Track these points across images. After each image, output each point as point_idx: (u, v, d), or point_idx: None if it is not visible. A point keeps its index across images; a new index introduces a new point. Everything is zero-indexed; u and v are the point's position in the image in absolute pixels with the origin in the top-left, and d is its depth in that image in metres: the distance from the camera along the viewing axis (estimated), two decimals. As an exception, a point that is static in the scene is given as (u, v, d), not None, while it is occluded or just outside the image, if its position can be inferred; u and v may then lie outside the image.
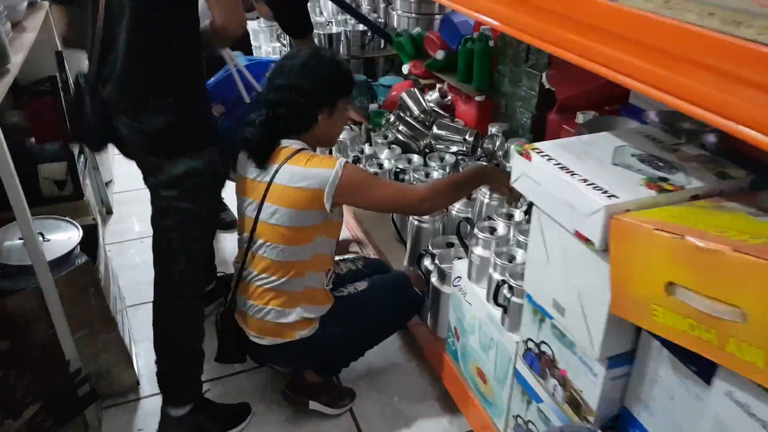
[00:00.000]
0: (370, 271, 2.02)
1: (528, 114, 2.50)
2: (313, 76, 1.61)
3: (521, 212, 1.69)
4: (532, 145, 1.19)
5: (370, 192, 1.61)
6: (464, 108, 2.85)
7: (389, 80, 3.26)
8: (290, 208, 1.58)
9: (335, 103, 1.67)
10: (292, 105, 1.61)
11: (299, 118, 1.64)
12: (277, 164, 1.60)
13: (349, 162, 1.59)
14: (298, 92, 1.61)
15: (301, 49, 1.68)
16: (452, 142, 2.55)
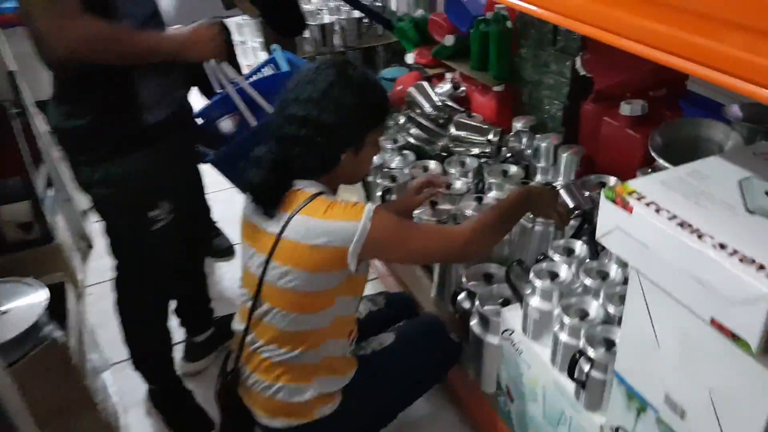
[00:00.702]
0: (395, 311, 1.70)
1: (558, 104, 2.15)
2: (337, 107, 1.26)
3: (583, 244, 1.35)
4: (626, 185, 0.85)
5: (404, 244, 1.28)
6: (481, 100, 2.50)
7: (393, 72, 2.90)
8: (305, 270, 1.25)
9: (364, 138, 1.33)
10: (310, 144, 1.27)
11: (317, 160, 1.31)
12: (288, 213, 1.27)
13: (379, 208, 1.25)
14: (318, 128, 1.26)
15: (321, 65, 1.31)
16: (473, 143, 2.20)
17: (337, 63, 1.33)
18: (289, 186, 1.31)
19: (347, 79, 1.29)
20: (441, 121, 2.45)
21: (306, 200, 1.27)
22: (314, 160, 1.30)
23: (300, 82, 1.29)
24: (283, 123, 1.29)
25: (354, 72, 1.32)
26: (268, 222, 1.30)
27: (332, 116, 1.26)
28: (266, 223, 1.30)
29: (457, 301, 1.61)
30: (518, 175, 2.04)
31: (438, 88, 2.60)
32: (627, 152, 1.84)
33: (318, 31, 3.04)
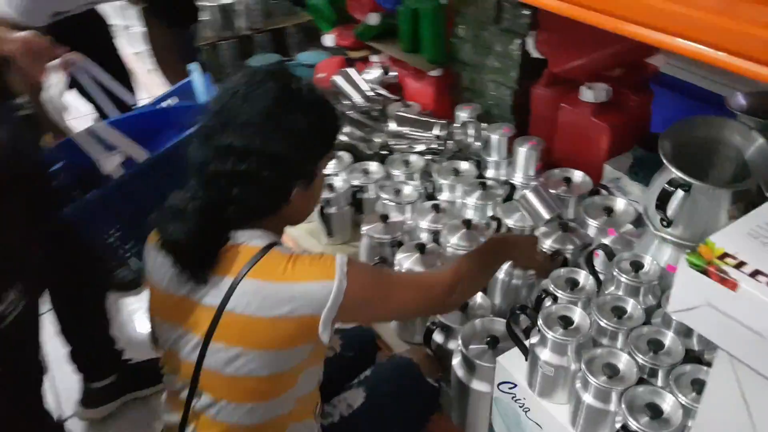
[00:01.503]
0: (354, 353, 1.45)
1: (506, 90, 1.94)
2: (286, 131, 0.98)
3: (588, 275, 1.15)
4: (711, 245, 0.63)
5: (386, 301, 1.04)
6: (416, 86, 2.24)
7: (310, 57, 2.57)
8: (262, 350, 0.97)
9: (317, 166, 1.07)
10: (253, 181, 0.97)
11: (263, 201, 1.01)
12: (231, 277, 0.96)
13: (352, 260, 0.98)
14: (263, 160, 0.97)
15: (254, 78, 1.01)
16: (417, 139, 1.95)
17: (275, 74, 1.03)
18: (225, 240, 1.00)
19: (294, 95, 1.00)
20: (374, 114, 2.18)
21: (254, 257, 0.97)
22: (259, 201, 1.00)
23: (229, 102, 0.98)
24: (210, 157, 0.97)
25: (300, 85, 1.03)
26: (199, 291, 0.99)
27: (281, 144, 0.97)
28: (197, 292, 0.99)
29: (432, 338, 1.37)
30: (471, 173, 1.83)
31: (366, 75, 2.31)
32: (592, 142, 1.67)
33: (218, 12, 2.64)
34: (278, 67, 1.12)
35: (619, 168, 1.58)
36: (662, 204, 1.02)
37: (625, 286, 1.09)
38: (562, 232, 1.47)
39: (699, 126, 1.09)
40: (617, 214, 1.51)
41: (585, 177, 1.63)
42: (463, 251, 1.51)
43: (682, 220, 1.06)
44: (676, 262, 1.12)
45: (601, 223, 1.49)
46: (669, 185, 1.00)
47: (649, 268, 1.09)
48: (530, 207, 1.53)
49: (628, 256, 1.12)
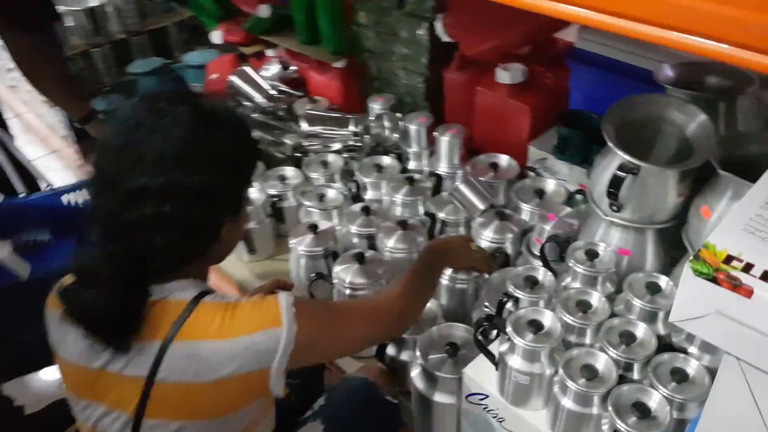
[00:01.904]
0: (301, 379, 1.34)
1: (418, 77, 1.87)
2: (209, 161, 0.85)
3: (546, 271, 1.10)
4: (712, 247, 0.59)
5: (339, 337, 0.94)
6: (320, 80, 2.12)
7: (198, 57, 2.37)
8: (209, 419, 0.84)
9: (245, 191, 0.95)
10: (179, 224, 0.83)
11: (191, 244, 0.87)
12: (158, 341, 0.82)
13: (298, 300, 0.86)
14: (189, 199, 0.82)
15: (158, 104, 0.85)
16: (331, 138, 1.84)
17: (181, 97, 0.88)
18: (146, 296, 0.85)
19: (210, 118, 0.86)
20: (281, 113, 2.04)
21: (182, 315, 0.83)
22: (187, 246, 0.86)
23: (133, 136, 0.83)
24: (121, 204, 0.82)
25: (213, 106, 0.89)
26: (119, 360, 0.83)
27: (206, 175, 0.84)
28: (117, 362, 0.83)
29: (384, 353, 1.29)
30: (394, 168, 1.75)
31: (264, 71, 2.16)
32: (513, 124, 1.64)
33: (85, 16, 2.35)
34: (181, 89, 0.97)
35: (544, 148, 1.56)
36: (614, 191, 1.00)
37: (583, 276, 1.06)
38: (499, 221, 1.43)
39: (639, 105, 1.07)
40: (549, 196, 1.50)
41: (511, 161, 1.60)
42: (402, 254, 1.44)
43: (631, 202, 1.04)
44: (626, 245, 1.11)
45: (534, 206, 1.47)
46: (620, 171, 0.98)
47: (603, 255, 1.07)
48: (464, 199, 1.48)
49: (582, 245, 1.10)
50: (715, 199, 0.94)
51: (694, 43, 0.60)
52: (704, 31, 0.59)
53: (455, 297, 1.35)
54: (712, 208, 0.94)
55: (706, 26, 0.58)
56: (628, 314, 1.00)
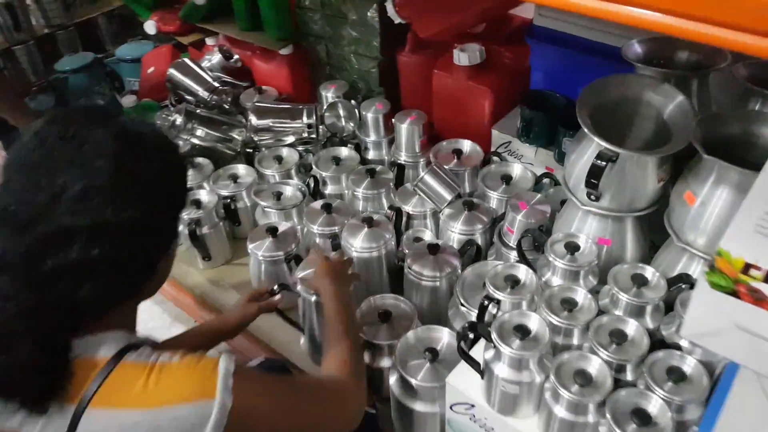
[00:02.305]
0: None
1: (370, 61, 1.77)
2: (140, 191, 0.73)
3: (527, 271, 1.04)
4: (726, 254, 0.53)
5: (283, 420, 0.80)
6: (266, 68, 1.99)
7: (132, 50, 2.19)
8: None
9: (178, 219, 0.83)
10: (112, 269, 0.72)
11: (124, 288, 0.75)
12: (74, 405, 0.70)
13: (240, 368, 0.75)
14: (122, 237, 0.71)
15: (72, 129, 0.72)
16: (284, 131, 1.73)
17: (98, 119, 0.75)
18: (67, 353, 0.72)
19: (136, 145, 0.75)
20: (227, 107, 1.91)
21: (99, 375, 0.71)
22: (119, 289, 0.74)
23: (45, 167, 0.70)
24: (37, 250, 0.69)
25: (138, 127, 0.77)
26: (33, 423, 0.71)
27: (139, 208, 0.72)
28: (31, 425, 0.71)
29: (359, 362, 1.21)
30: (353, 159, 1.66)
31: (205, 62, 2.02)
32: (474, 108, 1.57)
33: (4, 12, 2.13)
34: (97, 108, 0.83)
35: (508, 131, 1.49)
36: (594, 180, 0.94)
37: (564, 271, 1.00)
38: (467, 211, 1.36)
39: (613, 87, 1.00)
40: (516, 181, 1.44)
41: (475, 146, 1.53)
42: (369, 254, 1.36)
43: (610, 190, 0.98)
44: (605, 234, 1.06)
45: (502, 193, 1.41)
46: (599, 160, 0.91)
47: (584, 248, 1.02)
48: (429, 190, 1.40)
49: (561, 238, 1.04)
50: (698, 185, 0.89)
51: (658, 20, 0.56)
52: (667, 6, 0.55)
53: (428, 296, 1.28)
54: (696, 194, 0.89)
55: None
56: (614, 309, 0.95)
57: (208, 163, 1.73)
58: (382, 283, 1.39)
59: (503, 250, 1.28)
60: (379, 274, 1.38)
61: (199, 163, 1.73)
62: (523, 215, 1.23)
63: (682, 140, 0.89)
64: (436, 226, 1.47)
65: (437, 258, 1.28)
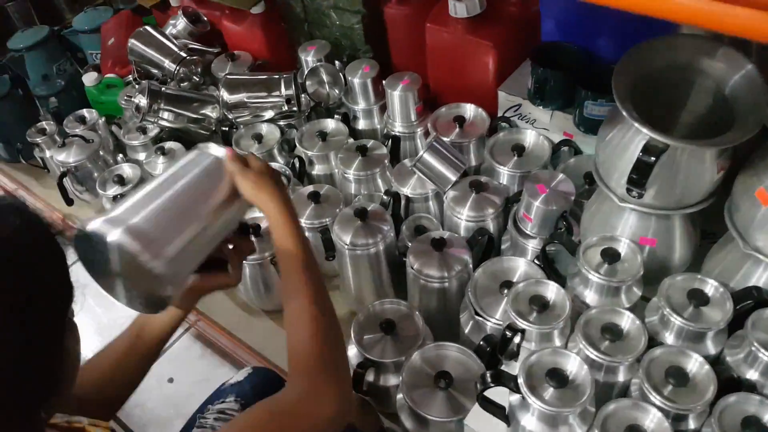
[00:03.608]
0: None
1: (354, 16, 1.50)
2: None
3: (556, 288, 0.83)
4: None
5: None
6: (237, 31, 1.72)
7: (91, 18, 1.92)
8: None
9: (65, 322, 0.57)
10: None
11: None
12: None
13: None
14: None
15: None
16: (261, 106, 1.49)
17: None
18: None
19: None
20: (197, 79, 1.66)
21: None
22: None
23: None
24: None
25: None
26: None
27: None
28: None
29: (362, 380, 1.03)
30: (341, 132, 1.43)
31: (170, 29, 1.75)
32: (475, 66, 1.31)
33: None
34: None
35: (517, 92, 1.25)
36: (640, 178, 0.72)
37: (602, 286, 0.80)
38: (475, 193, 1.15)
39: (659, 52, 0.76)
40: (530, 151, 1.21)
41: (479, 111, 1.30)
42: (365, 251, 1.15)
43: (655, 184, 0.76)
44: (647, 232, 0.84)
45: (513, 168, 1.19)
46: (647, 154, 0.69)
47: (626, 255, 0.81)
48: (431, 171, 1.18)
49: (596, 242, 0.83)
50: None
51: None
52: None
53: (435, 298, 1.09)
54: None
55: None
56: (665, 331, 0.75)
57: (180, 148, 1.51)
58: (383, 283, 1.19)
59: (520, 239, 1.08)
60: (378, 274, 1.18)
61: (170, 149, 1.50)
62: (542, 200, 1.02)
63: (753, 123, 0.67)
64: (440, 210, 1.26)
65: (444, 254, 1.07)
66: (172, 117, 1.50)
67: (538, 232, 1.05)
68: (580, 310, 0.81)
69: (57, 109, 1.73)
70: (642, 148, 0.70)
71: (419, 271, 1.06)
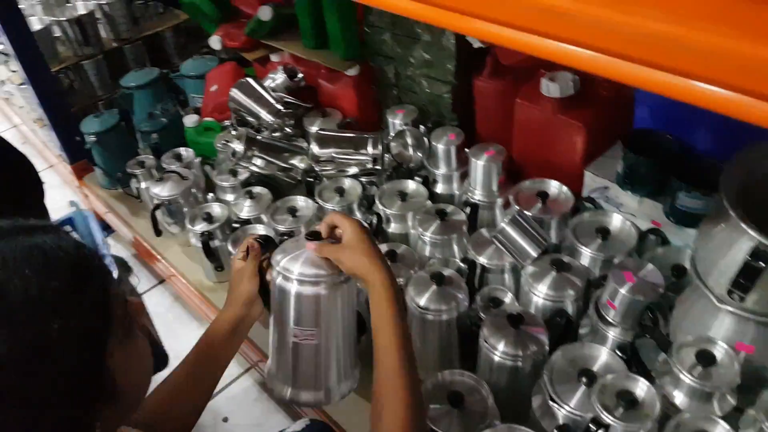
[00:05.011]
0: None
1: (443, 85, 1.53)
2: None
3: (646, 387, 0.78)
4: None
5: None
6: (331, 89, 1.79)
7: (197, 66, 2.04)
8: None
9: (106, 353, 0.55)
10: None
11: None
12: None
13: None
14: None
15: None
16: (347, 162, 1.52)
17: None
18: None
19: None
20: (289, 130, 1.73)
21: None
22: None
23: None
24: None
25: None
26: None
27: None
28: None
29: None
30: (420, 195, 1.44)
31: (269, 81, 1.84)
32: (563, 145, 1.31)
33: (72, 26, 2.03)
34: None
35: (604, 174, 1.23)
36: (746, 282, 0.68)
37: (694, 390, 0.75)
38: (556, 272, 1.12)
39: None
40: (615, 236, 1.17)
41: (563, 189, 1.28)
42: (438, 317, 1.14)
43: (760, 289, 0.72)
44: (744, 338, 0.79)
45: (596, 250, 1.15)
46: (756, 259, 0.66)
47: (722, 360, 0.76)
48: (511, 244, 1.16)
49: (691, 342, 0.78)
50: None
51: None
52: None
53: (506, 376, 1.04)
54: None
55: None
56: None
57: (266, 193, 1.55)
58: (452, 352, 1.16)
59: (600, 326, 1.03)
60: (447, 341, 1.16)
61: (258, 193, 1.55)
62: (628, 289, 0.98)
63: None
64: (514, 283, 1.23)
65: (520, 332, 1.04)
66: (263, 164, 1.56)
67: (620, 321, 1.01)
68: (667, 412, 0.76)
69: (157, 144, 1.83)
70: (751, 252, 0.66)
71: (493, 346, 1.03)
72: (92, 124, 1.90)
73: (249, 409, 1.55)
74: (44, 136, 2.29)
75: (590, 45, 0.45)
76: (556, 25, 0.46)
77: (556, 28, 0.46)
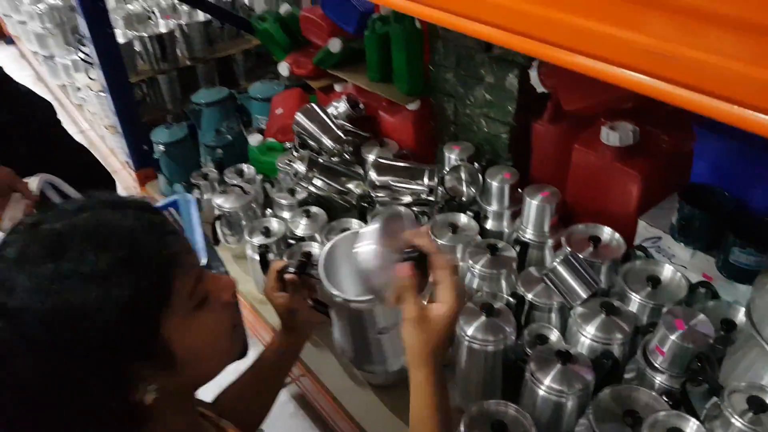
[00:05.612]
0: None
1: (502, 126, 1.59)
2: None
3: (696, 425, 0.80)
4: None
5: None
6: (391, 122, 1.86)
7: (264, 89, 2.15)
8: None
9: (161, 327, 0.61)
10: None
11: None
12: None
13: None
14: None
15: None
16: (401, 191, 1.58)
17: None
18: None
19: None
20: (347, 156, 1.80)
21: None
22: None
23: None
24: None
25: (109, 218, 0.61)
26: None
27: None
28: None
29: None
30: (471, 229, 1.47)
31: (332, 109, 1.92)
32: (618, 193, 1.34)
33: (153, 42, 2.17)
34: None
35: (657, 224, 1.25)
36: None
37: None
38: (605, 315, 1.13)
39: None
40: (665, 285, 1.19)
41: (615, 235, 1.30)
42: (484, 347, 1.16)
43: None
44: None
45: (646, 297, 1.17)
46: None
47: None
48: (562, 283, 1.19)
49: (743, 389, 0.80)
50: None
51: None
52: None
53: (550, 411, 1.06)
54: None
55: None
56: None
57: (322, 214, 1.62)
58: (494, 384, 1.18)
59: (648, 371, 1.04)
60: (491, 373, 1.18)
61: (314, 213, 1.62)
62: (679, 336, 0.99)
63: None
64: (560, 323, 1.25)
65: (567, 369, 1.06)
66: (322, 185, 1.63)
67: (668, 368, 1.02)
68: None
69: (221, 160, 1.93)
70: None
71: (539, 380, 1.05)
72: (162, 135, 2.01)
73: (284, 423, 1.58)
74: (112, 143, 2.43)
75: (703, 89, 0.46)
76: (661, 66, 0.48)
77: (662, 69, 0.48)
